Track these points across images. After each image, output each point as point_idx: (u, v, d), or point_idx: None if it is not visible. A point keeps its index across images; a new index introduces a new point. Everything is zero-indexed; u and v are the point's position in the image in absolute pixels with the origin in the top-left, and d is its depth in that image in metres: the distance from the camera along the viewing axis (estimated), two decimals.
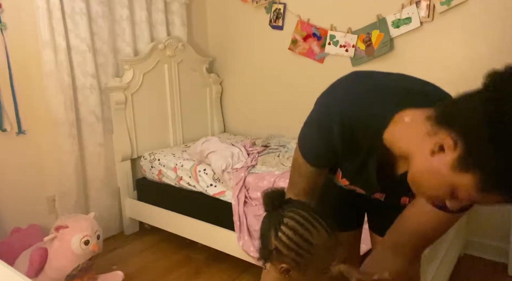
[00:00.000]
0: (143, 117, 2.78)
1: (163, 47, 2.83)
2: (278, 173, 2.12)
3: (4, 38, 2.16)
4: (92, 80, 2.50)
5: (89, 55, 2.46)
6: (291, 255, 0.78)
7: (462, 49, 2.24)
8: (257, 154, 2.46)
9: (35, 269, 1.90)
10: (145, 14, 2.79)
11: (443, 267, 1.93)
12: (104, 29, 2.57)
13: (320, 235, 0.77)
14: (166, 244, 2.63)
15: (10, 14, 2.18)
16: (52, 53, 2.28)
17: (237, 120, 3.40)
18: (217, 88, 3.31)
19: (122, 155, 2.68)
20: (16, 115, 2.24)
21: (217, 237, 2.25)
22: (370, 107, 0.84)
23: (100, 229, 2.04)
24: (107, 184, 2.66)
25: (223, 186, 2.27)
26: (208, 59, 3.23)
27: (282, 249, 0.79)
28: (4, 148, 2.23)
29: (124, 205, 2.76)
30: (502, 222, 2.25)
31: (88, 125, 2.53)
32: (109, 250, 2.50)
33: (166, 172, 2.54)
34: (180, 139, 3.06)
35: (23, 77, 2.26)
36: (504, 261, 2.26)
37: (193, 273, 2.30)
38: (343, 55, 2.63)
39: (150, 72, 2.79)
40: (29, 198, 2.36)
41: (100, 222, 2.14)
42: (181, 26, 3.05)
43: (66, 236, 1.91)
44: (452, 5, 2.22)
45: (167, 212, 2.53)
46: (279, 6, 2.87)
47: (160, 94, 2.89)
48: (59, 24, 2.29)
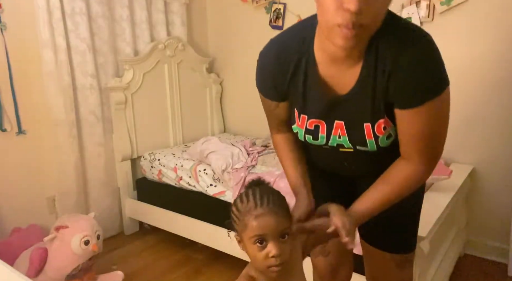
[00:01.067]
0: (143, 117, 2.78)
1: (163, 47, 2.83)
2: (278, 173, 2.12)
3: (4, 38, 2.16)
4: (92, 80, 2.50)
5: (89, 55, 2.47)
6: (232, 222, 0.90)
7: (462, 49, 2.24)
8: (257, 154, 2.46)
9: (35, 269, 1.90)
10: (145, 14, 2.79)
11: (443, 267, 1.93)
12: (104, 29, 2.57)
13: (248, 205, 0.86)
14: (166, 244, 2.63)
15: (10, 14, 2.18)
16: (52, 53, 2.28)
17: (237, 120, 3.40)
18: (217, 88, 3.31)
19: (122, 155, 2.68)
20: (16, 115, 2.24)
21: (217, 237, 2.25)
22: (296, 29, 1.04)
23: (100, 229, 2.04)
24: (107, 184, 2.66)
25: (223, 186, 2.27)
26: (208, 59, 3.24)
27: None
28: (4, 148, 2.23)
29: (124, 205, 2.76)
30: (502, 222, 2.25)
31: (88, 125, 2.53)
32: (109, 250, 2.50)
33: (166, 172, 2.54)
34: (180, 139, 3.06)
35: (23, 77, 2.26)
36: (504, 261, 2.25)
37: (193, 273, 2.30)
38: None
39: (150, 72, 2.79)
40: (29, 198, 2.36)
41: (100, 222, 2.14)
42: (181, 26, 3.05)
43: (66, 236, 1.91)
44: (452, 5, 2.22)
45: (167, 212, 2.54)
46: (279, 6, 2.87)
47: (160, 94, 2.89)
48: (59, 24, 2.29)
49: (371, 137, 0.98)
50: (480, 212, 2.35)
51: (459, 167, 2.26)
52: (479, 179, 2.33)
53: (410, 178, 0.98)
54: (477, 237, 2.38)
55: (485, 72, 2.19)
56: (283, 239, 0.84)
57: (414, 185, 0.99)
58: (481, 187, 2.33)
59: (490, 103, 2.22)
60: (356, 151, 1.03)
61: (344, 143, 1.02)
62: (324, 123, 1.01)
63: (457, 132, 2.33)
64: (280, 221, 0.84)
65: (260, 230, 0.83)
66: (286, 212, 0.88)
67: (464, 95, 2.26)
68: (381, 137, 0.97)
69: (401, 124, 0.94)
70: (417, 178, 0.98)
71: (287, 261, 0.85)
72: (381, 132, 0.97)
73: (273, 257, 0.82)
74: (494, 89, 2.20)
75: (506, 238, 2.20)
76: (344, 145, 1.03)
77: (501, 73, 2.17)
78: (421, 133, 0.92)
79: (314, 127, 1.03)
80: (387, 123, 0.96)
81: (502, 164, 2.25)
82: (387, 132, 0.97)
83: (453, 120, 2.30)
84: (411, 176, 0.98)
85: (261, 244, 0.84)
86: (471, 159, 2.33)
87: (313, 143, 1.05)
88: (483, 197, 2.34)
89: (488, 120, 2.25)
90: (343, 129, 1.00)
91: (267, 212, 0.84)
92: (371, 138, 0.98)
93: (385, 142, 0.99)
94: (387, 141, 0.99)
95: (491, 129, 2.25)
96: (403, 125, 0.94)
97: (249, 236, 0.85)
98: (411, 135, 0.94)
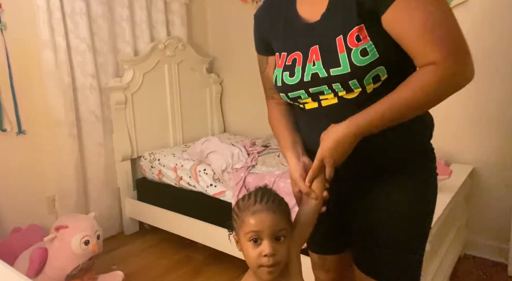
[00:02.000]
0: (143, 117, 2.78)
1: (163, 47, 2.83)
2: (278, 173, 2.12)
3: (4, 38, 2.16)
4: (92, 80, 2.50)
5: (89, 55, 2.47)
6: (232, 221, 0.91)
7: None
8: (257, 154, 2.46)
9: (35, 269, 1.90)
10: (145, 14, 2.79)
11: (443, 267, 1.93)
12: (104, 29, 2.57)
13: (248, 202, 0.87)
14: (166, 244, 2.63)
15: (10, 14, 2.18)
16: (52, 53, 2.28)
17: (237, 120, 3.40)
18: (217, 88, 3.31)
19: (122, 154, 2.68)
20: (16, 115, 2.24)
21: (217, 237, 2.25)
22: None
23: (100, 229, 2.04)
24: (107, 184, 2.66)
25: (223, 186, 2.27)
26: (208, 59, 3.24)
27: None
28: (4, 148, 2.23)
29: (124, 205, 2.76)
30: (502, 222, 2.25)
31: (88, 125, 2.53)
32: (109, 250, 2.50)
33: (166, 172, 2.54)
34: (180, 139, 3.06)
35: (23, 77, 2.26)
36: (504, 261, 2.25)
37: (193, 273, 2.30)
38: None
39: (150, 72, 2.79)
40: (29, 198, 2.36)
41: (100, 222, 2.14)
42: (181, 26, 3.05)
43: (66, 236, 1.91)
44: (452, 5, 2.22)
45: (167, 212, 2.54)
46: None
47: (160, 94, 2.89)
48: (59, 24, 2.29)
49: (343, 50, 0.88)
50: (480, 212, 2.35)
51: (459, 167, 2.26)
52: (479, 179, 2.32)
53: (430, 74, 0.81)
54: (477, 237, 2.38)
55: (485, 72, 2.19)
56: (279, 240, 0.84)
57: (439, 85, 0.82)
58: (481, 187, 2.32)
59: (490, 103, 2.22)
60: (340, 101, 0.94)
61: (319, 71, 0.92)
62: (301, 54, 0.97)
63: (457, 132, 2.33)
64: (276, 219, 0.84)
65: (255, 226, 0.83)
66: (285, 214, 0.88)
67: (464, 95, 2.26)
68: (354, 50, 0.87)
69: (397, 28, 0.84)
70: (442, 75, 0.81)
71: (281, 263, 0.84)
72: (353, 43, 0.87)
73: (266, 256, 0.82)
74: (494, 89, 2.20)
75: (506, 238, 2.20)
76: (319, 80, 0.93)
77: (501, 73, 2.17)
78: (421, 25, 0.81)
79: (291, 62, 0.99)
80: (362, 32, 0.87)
81: (502, 164, 2.25)
82: (361, 45, 0.87)
83: (454, 120, 2.32)
84: (432, 73, 0.81)
85: (256, 242, 0.84)
86: (471, 159, 2.33)
87: (289, 82, 0.99)
88: (483, 197, 2.34)
89: (488, 120, 2.25)
90: (317, 54, 0.93)
91: (264, 209, 0.84)
92: (343, 52, 0.88)
93: (359, 58, 0.86)
94: (362, 58, 0.86)
95: (491, 129, 2.25)
96: (399, 30, 0.84)
97: (245, 232, 0.85)
98: (412, 34, 0.82)
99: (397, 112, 0.85)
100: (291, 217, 0.91)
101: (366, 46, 0.86)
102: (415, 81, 0.83)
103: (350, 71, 0.87)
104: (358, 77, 0.88)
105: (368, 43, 0.86)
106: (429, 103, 0.85)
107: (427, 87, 0.82)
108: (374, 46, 0.86)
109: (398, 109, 0.85)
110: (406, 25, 0.82)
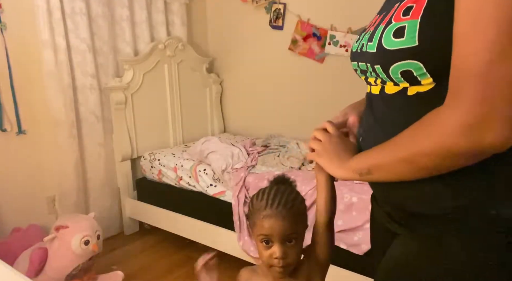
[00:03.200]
0: (143, 117, 2.78)
1: (163, 47, 2.83)
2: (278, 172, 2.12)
3: (4, 38, 2.16)
4: (92, 80, 2.50)
5: (89, 55, 2.47)
6: (248, 214, 0.92)
7: None
8: (257, 154, 2.46)
9: (35, 269, 1.90)
10: (145, 14, 2.79)
11: None
12: (104, 29, 2.57)
13: (260, 203, 0.87)
14: (166, 244, 2.63)
15: (10, 14, 2.18)
16: (52, 53, 2.28)
17: (237, 120, 3.40)
18: (217, 88, 3.31)
19: (122, 155, 2.68)
20: (16, 115, 2.24)
21: (217, 237, 2.25)
22: None
23: (100, 229, 2.04)
24: (107, 184, 2.66)
25: (223, 186, 2.27)
26: (208, 59, 3.24)
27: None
28: (4, 148, 2.23)
29: (124, 205, 2.76)
30: None
31: (88, 125, 2.53)
32: (109, 250, 2.50)
33: (166, 172, 2.54)
34: (180, 139, 3.06)
35: (23, 77, 2.26)
36: None
37: (193, 273, 2.30)
38: (343, 55, 2.63)
39: (150, 72, 2.79)
40: (29, 198, 2.36)
41: (100, 222, 2.14)
42: (181, 26, 3.05)
43: (66, 236, 1.91)
44: None
45: (167, 212, 2.54)
46: (279, 6, 2.87)
47: (160, 94, 2.90)
48: (59, 24, 2.29)
49: (385, 22, 0.69)
50: None
51: None
52: None
53: (435, 116, 0.60)
54: None
55: None
56: (290, 243, 0.85)
57: (440, 132, 0.59)
58: None
59: None
60: (381, 93, 0.75)
61: (365, 42, 0.76)
62: (376, 18, 0.78)
63: None
64: (286, 226, 0.84)
65: (266, 231, 0.85)
66: (296, 217, 0.87)
67: None
68: (390, 26, 0.67)
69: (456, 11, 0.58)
70: (450, 122, 0.57)
71: (292, 264, 0.86)
72: (397, 17, 0.66)
73: (276, 258, 0.84)
74: None
75: None
76: (360, 53, 0.77)
77: None
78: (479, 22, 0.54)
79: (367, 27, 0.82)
80: (419, 4, 0.62)
81: None
82: (402, 22, 0.64)
83: None
84: (441, 115, 0.59)
85: (267, 244, 0.86)
86: None
87: (352, 49, 0.83)
88: None
89: None
90: (378, 21, 0.74)
91: (274, 214, 0.84)
92: (383, 24, 0.69)
93: (389, 39, 0.66)
94: (393, 40, 0.65)
95: None
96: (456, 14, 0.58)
97: (256, 234, 0.87)
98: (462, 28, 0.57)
99: (389, 151, 0.68)
100: (306, 215, 0.91)
101: (407, 24, 0.63)
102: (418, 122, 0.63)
103: (375, 51, 0.69)
104: (382, 63, 0.68)
105: (412, 23, 0.62)
106: (425, 144, 0.62)
107: (429, 124, 0.61)
108: (418, 29, 0.62)
109: (389, 148, 0.68)
110: (464, 13, 0.56)
